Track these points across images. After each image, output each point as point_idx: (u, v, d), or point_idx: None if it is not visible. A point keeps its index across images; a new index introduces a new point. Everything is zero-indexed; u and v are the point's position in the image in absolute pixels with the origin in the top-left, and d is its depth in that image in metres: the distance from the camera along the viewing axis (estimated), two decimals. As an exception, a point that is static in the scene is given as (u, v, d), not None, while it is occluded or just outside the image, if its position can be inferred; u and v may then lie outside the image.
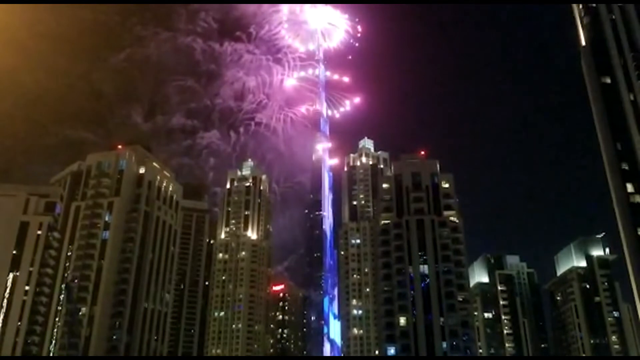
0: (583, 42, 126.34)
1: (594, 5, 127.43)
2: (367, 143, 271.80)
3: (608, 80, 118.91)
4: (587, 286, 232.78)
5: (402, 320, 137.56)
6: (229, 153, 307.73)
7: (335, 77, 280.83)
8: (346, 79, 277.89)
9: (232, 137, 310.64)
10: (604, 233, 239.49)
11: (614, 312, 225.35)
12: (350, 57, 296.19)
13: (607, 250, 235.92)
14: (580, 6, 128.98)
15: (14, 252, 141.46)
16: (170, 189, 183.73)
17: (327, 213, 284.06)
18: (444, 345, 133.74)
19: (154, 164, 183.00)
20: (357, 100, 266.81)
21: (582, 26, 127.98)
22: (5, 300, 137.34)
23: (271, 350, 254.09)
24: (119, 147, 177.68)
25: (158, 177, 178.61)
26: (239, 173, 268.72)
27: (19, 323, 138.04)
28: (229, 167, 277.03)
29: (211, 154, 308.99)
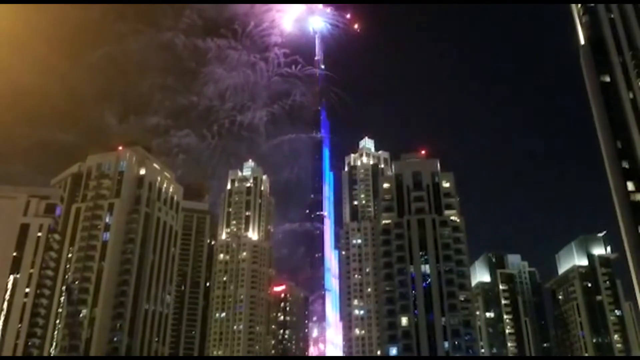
0: (582, 41, 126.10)
1: (593, 4, 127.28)
2: (368, 143, 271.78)
3: (607, 79, 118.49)
4: (589, 285, 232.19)
5: (404, 320, 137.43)
6: (210, 152, 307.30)
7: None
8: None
9: (209, 136, 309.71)
10: (605, 231, 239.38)
11: (616, 311, 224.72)
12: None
13: (609, 248, 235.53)
14: (579, 5, 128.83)
15: (15, 254, 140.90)
16: (171, 189, 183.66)
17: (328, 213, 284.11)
18: (446, 345, 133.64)
19: (155, 165, 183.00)
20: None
21: (581, 25, 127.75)
22: (5, 303, 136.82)
23: (272, 352, 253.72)
24: (119, 148, 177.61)
25: (158, 178, 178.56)
26: (239, 173, 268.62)
27: (20, 325, 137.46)
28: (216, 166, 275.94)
29: (187, 152, 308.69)
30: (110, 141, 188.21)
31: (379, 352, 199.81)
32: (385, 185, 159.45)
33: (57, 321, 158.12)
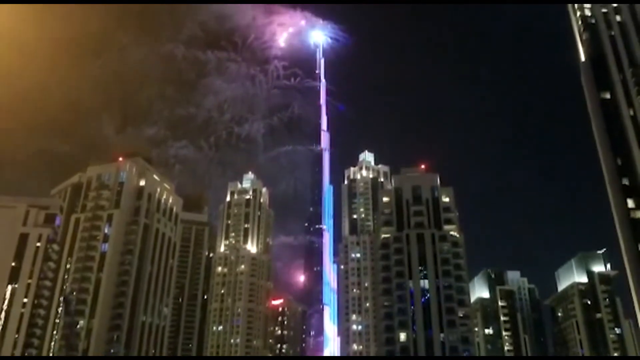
0: (583, 58, 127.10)
1: (593, 21, 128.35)
2: (368, 156, 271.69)
3: (608, 96, 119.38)
4: (588, 302, 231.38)
5: (402, 336, 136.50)
6: (208, 164, 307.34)
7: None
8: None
9: (207, 147, 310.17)
10: (605, 249, 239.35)
11: (616, 329, 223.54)
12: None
13: (608, 265, 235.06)
14: (580, 22, 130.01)
15: (13, 263, 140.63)
16: (170, 201, 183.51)
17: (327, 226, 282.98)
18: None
19: (154, 176, 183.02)
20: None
21: (581, 42, 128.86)
22: (3, 312, 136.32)
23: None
24: (120, 158, 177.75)
25: (158, 189, 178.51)
26: (239, 185, 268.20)
27: (17, 335, 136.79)
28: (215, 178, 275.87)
29: (184, 163, 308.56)
30: (110, 151, 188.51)
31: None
32: (385, 199, 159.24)
33: (55, 332, 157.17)
